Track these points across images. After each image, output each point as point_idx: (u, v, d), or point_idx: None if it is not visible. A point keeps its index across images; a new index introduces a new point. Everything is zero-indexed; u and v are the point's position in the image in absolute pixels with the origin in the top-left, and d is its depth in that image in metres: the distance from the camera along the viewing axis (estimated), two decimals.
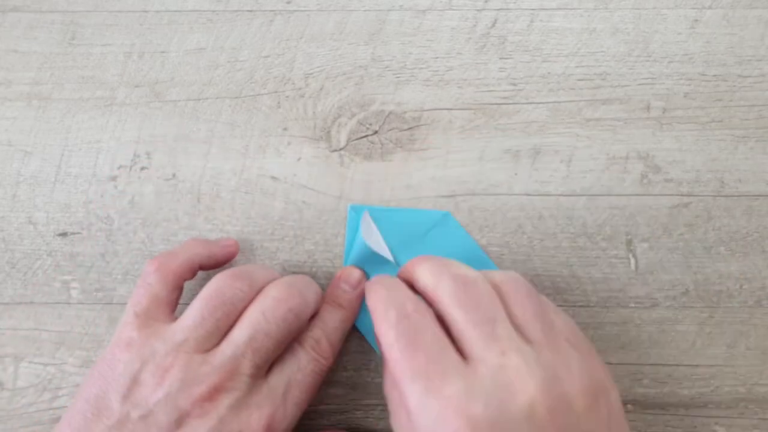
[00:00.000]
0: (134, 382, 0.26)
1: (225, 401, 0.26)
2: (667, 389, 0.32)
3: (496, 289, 0.26)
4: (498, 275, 0.27)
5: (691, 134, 0.33)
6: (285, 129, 0.34)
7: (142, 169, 0.34)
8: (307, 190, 0.33)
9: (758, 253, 0.33)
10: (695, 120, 0.34)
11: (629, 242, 0.33)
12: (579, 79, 0.34)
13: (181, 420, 0.26)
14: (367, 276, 0.32)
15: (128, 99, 0.34)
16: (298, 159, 0.34)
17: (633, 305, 0.33)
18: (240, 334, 0.27)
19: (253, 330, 0.27)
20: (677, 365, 0.32)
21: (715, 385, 0.32)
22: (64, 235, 0.33)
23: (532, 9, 0.34)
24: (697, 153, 0.33)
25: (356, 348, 0.33)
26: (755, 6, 0.34)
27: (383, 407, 0.32)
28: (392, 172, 0.33)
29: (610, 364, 0.32)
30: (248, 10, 0.35)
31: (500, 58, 0.34)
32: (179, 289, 0.30)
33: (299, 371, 0.28)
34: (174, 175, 0.34)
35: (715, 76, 0.34)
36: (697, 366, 0.32)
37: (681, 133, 0.33)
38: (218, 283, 0.28)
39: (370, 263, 0.32)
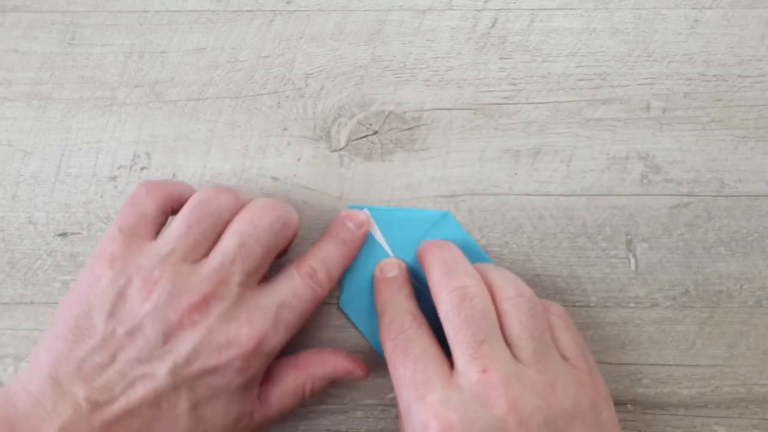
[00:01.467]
0: (119, 297, 0.26)
1: (214, 311, 0.26)
2: (667, 389, 0.32)
3: (498, 304, 0.27)
4: (503, 290, 0.27)
5: (691, 134, 0.33)
6: (285, 129, 0.34)
7: (142, 169, 0.34)
8: (307, 190, 0.33)
9: (758, 253, 0.33)
10: (695, 120, 0.34)
11: (629, 242, 0.33)
12: (579, 79, 0.34)
13: (169, 332, 0.25)
14: (369, 217, 0.32)
15: (128, 99, 0.34)
16: (298, 159, 0.34)
17: (633, 305, 0.33)
18: (229, 241, 0.27)
19: (241, 237, 0.27)
20: (677, 365, 0.32)
21: (715, 385, 0.32)
22: (64, 235, 0.33)
23: (532, 9, 0.34)
24: (697, 153, 0.33)
25: (356, 348, 0.33)
26: (755, 6, 0.34)
27: (383, 407, 0.32)
28: (392, 172, 0.33)
29: (610, 364, 0.32)
30: (248, 10, 0.35)
31: (500, 58, 0.34)
32: (165, 215, 0.29)
33: (294, 296, 0.28)
34: (174, 175, 0.34)
35: (715, 76, 0.34)
36: (697, 366, 0.32)
37: (681, 133, 0.33)
38: (203, 194, 0.28)
39: (371, 260, 0.32)
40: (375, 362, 0.32)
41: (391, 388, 0.32)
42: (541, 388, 0.25)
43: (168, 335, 0.25)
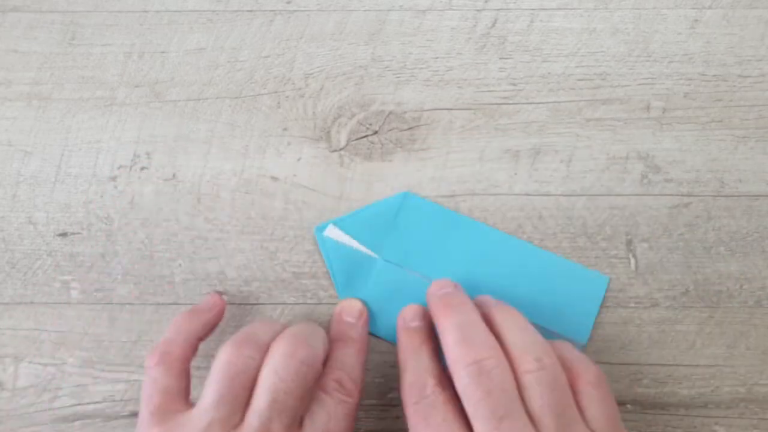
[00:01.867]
0: None
1: None
2: (667, 389, 0.32)
3: (518, 376, 0.26)
4: (523, 362, 0.26)
5: (691, 134, 0.33)
6: (285, 129, 0.34)
7: (142, 169, 0.34)
8: (307, 190, 0.33)
9: (758, 253, 0.33)
10: (695, 120, 0.34)
11: (629, 242, 0.33)
12: (579, 79, 0.34)
13: None
14: (363, 304, 0.32)
15: (128, 99, 0.34)
16: (298, 159, 0.34)
17: (633, 305, 0.33)
18: (261, 401, 0.27)
19: (272, 393, 0.27)
20: (677, 365, 0.32)
21: (715, 385, 0.32)
22: (64, 235, 0.33)
23: (532, 9, 0.34)
24: (697, 153, 0.33)
25: None
26: (755, 6, 0.34)
27: (383, 407, 0.32)
28: (392, 172, 0.33)
29: (610, 364, 0.32)
30: (248, 10, 0.35)
31: (500, 58, 0.34)
32: (187, 374, 0.29)
33: (331, 419, 0.28)
34: (174, 175, 0.34)
35: (715, 76, 0.34)
36: (697, 366, 0.32)
37: (681, 133, 0.33)
38: (226, 355, 0.28)
39: (358, 270, 0.32)
40: (375, 363, 0.32)
41: (391, 388, 0.32)
42: None
43: None
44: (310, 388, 0.28)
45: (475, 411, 0.25)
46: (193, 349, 0.29)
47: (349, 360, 0.30)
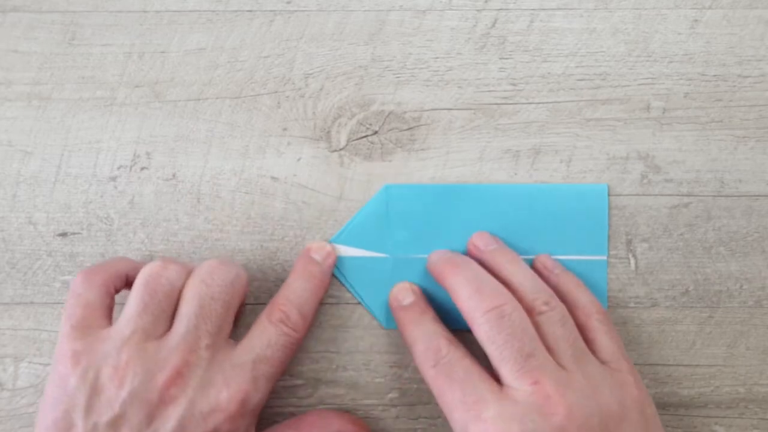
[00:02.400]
0: (93, 391, 0.25)
1: (190, 381, 0.26)
2: (667, 389, 0.32)
3: (533, 318, 0.27)
4: (534, 304, 0.28)
5: (691, 134, 0.33)
6: (285, 129, 0.34)
7: (142, 169, 0.34)
8: (307, 190, 0.33)
9: (758, 253, 0.33)
10: (695, 120, 0.34)
11: (629, 242, 0.33)
12: (579, 79, 0.34)
13: (151, 413, 0.25)
14: (333, 247, 0.32)
15: (128, 99, 0.34)
16: (298, 159, 0.34)
17: (633, 305, 0.33)
18: (186, 307, 0.27)
19: (198, 299, 0.27)
20: (677, 365, 0.32)
21: (715, 385, 0.32)
22: (64, 235, 0.33)
23: (532, 9, 0.34)
24: (697, 153, 0.33)
25: (356, 348, 0.33)
26: (755, 6, 0.34)
27: (383, 407, 0.32)
28: (392, 172, 0.33)
29: None
30: (248, 10, 0.35)
31: (500, 58, 0.34)
32: (111, 297, 0.29)
33: (268, 347, 0.28)
34: (174, 175, 0.34)
35: (715, 76, 0.34)
36: (697, 366, 0.32)
37: (681, 133, 0.33)
38: (150, 268, 0.28)
39: (374, 275, 0.32)
40: (375, 362, 0.32)
41: (392, 388, 0.32)
42: (591, 391, 0.26)
43: (151, 416, 0.25)
44: (237, 300, 0.28)
45: (501, 353, 0.26)
46: (120, 278, 0.29)
47: (304, 294, 0.30)
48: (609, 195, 0.33)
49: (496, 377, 0.27)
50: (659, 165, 0.33)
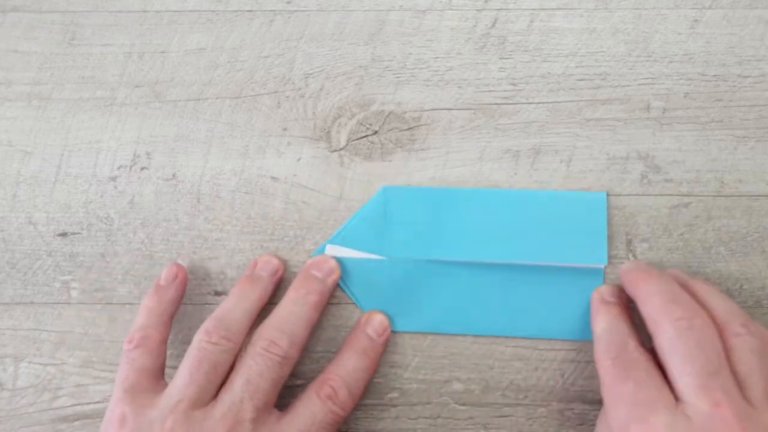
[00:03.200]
0: None
1: None
2: None
3: (725, 339, 0.25)
4: (731, 325, 0.26)
5: (691, 134, 0.33)
6: (285, 129, 0.34)
7: (142, 169, 0.34)
8: (307, 190, 0.33)
9: (758, 253, 0.33)
10: (695, 120, 0.33)
11: (629, 242, 0.33)
12: (579, 79, 0.34)
13: None
14: (389, 321, 0.32)
15: (128, 99, 0.34)
16: (298, 159, 0.34)
17: (633, 305, 0.33)
18: (234, 380, 0.27)
19: (245, 374, 0.27)
20: None
21: None
22: (64, 235, 0.33)
23: (532, 9, 0.34)
24: (697, 153, 0.33)
25: None
26: (755, 6, 0.34)
27: (383, 407, 0.32)
28: (392, 172, 0.33)
29: None
30: (248, 10, 0.35)
31: (500, 58, 0.34)
32: (164, 353, 0.29)
33: (314, 424, 0.28)
34: (174, 175, 0.34)
35: (715, 76, 0.34)
36: None
37: (681, 133, 0.33)
38: (196, 342, 0.28)
39: (371, 277, 0.32)
40: (381, 364, 0.32)
41: (392, 388, 0.32)
42: None
43: None
44: (285, 375, 0.28)
45: (683, 364, 0.24)
46: (168, 328, 0.30)
47: (355, 373, 0.29)
48: (609, 195, 0.33)
49: (674, 392, 0.25)
50: (659, 165, 0.33)
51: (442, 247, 0.32)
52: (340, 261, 0.32)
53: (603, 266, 0.32)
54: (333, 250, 0.32)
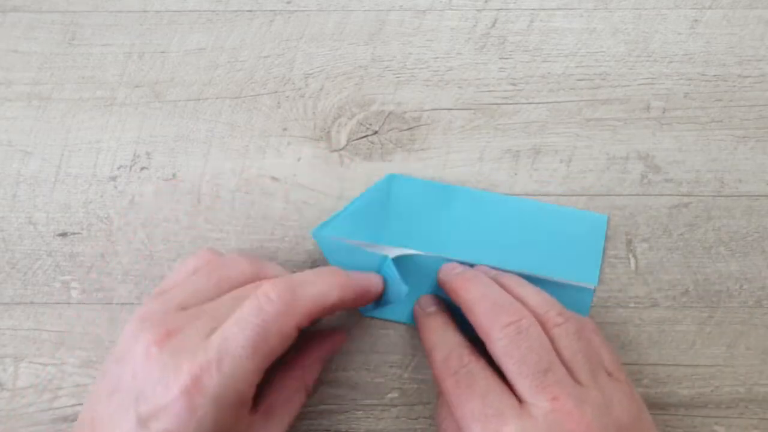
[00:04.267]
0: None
1: (168, 346, 0.25)
2: (667, 389, 0.32)
3: (547, 331, 0.27)
4: (549, 317, 0.28)
5: (691, 134, 0.33)
6: (285, 129, 0.34)
7: (142, 169, 0.34)
8: (307, 190, 0.33)
9: (758, 253, 0.33)
10: (695, 120, 0.33)
11: (629, 242, 0.33)
12: (579, 79, 0.34)
13: (137, 367, 0.25)
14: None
15: (128, 99, 0.34)
16: (298, 159, 0.34)
17: (633, 305, 0.33)
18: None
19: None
20: (677, 365, 0.32)
21: (715, 385, 0.32)
22: (64, 235, 0.33)
23: (532, 9, 0.34)
24: (697, 153, 0.33)
25: (356, 348, 0.33)
26: (755, 6, 0.34)
27: (383, 407, 0.32)
28: (392, 172, 0.33)
29: None
30: (248, 10, 0.35)
31: (500, 58, 0.34)
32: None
33: (236, 323, 0.25)
34: (174, 175, 0.34)
35: (715, 76, 0.34)
36: (697, 366, 0.32)
37: (681, 133, 0.33)
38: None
39: (365, 266, 0.31)
40: (375, 363, 0.32)
41: (392, 388, 0.32)
42: (605, 407, 0.26)
43: (136, 373, 0.25)
44: (226, 286, 0.28)
45: (519, 369, 0.26)
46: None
47: (310, 282, 0.27)
48: (609, 195, 0.33)
49: (514, 392, 0.26)
50: (659, 165, 0.33)
51: (439, 243, 0.32)
52: (336, 244, 0.31)
53: (593, 287, 0.32)
54: (330, 231, 0.31)
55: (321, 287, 0.27)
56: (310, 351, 0.30)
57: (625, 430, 0.26)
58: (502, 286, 0.30)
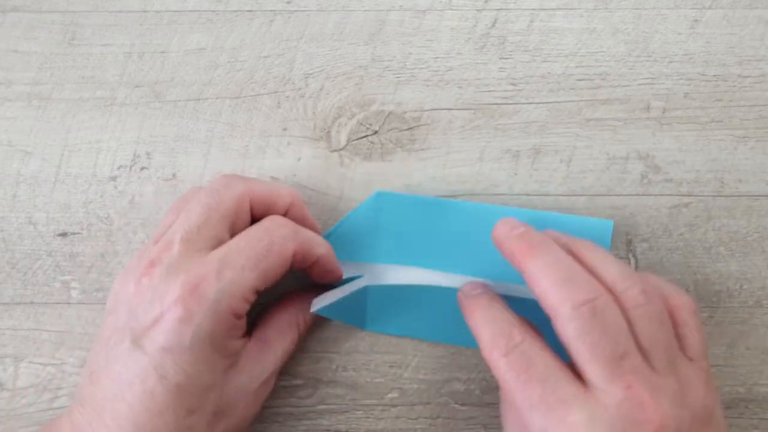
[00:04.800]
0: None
1: (158, 272, 0.26)
2: None
3: (626, 311, 0.25)
4: (629, 296, 0.25)
5: (691, 134, 0.33)
6: (285, 129, 0.34)
7: (142, 169, 0.34)
8: (307, 190, 0.33)
9: (758, 253, 0.33)
10: (695, 120, 0.34)
11: (629, 242, 0.33)
12: (579, 79, 0.34)
13: (130, 302, 0.26)
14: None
15: (128, 99, 0.34)
16: (298, 159, 0.34)
17: None
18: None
19: (188, 204, 0.27)
20: None
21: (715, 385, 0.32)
22: (64, 235, 0.33)
23: (532, 9, 0.34)
24: (697, 153, 0.33)
25: (356, 348, 0.33)
26: (755, 6, 0.34)
27: (383, 407, 0.32)
28: (392, 172, 0.33)
29: None
30: (248, 10, 0.35)
31: (500, 58, 0.34)
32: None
33: (243, 239, 0.26)
34: (174, 175, 0.34)
35: (715, 76, 0.34)
36: None
37: (681, 133, 0.33)
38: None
39: (355, 306, 0.31)
40: (375, 363, 0.32)
41: (392, 388, 0.32)
42: (681, 396, 0.24)
43: (129, 305, 0.26)
44: (234, 219, 0.27)
45: (593, 353, 0.23)
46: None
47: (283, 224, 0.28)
48: (609, 195, 0.33)
49: (577, 374, 0.24)
50: (659, 165, 0.33)
51: (432, 259, 0.32)
52: (327, 311, 0.30)
53: None
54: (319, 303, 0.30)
55: (314, 236, 0.29)
56: (305, 294, 0.31)
57: (701, 421, 0.24)
58: (574, 254, 0.26)
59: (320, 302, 0.30)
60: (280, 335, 0.29)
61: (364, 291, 0.31)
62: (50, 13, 0.35)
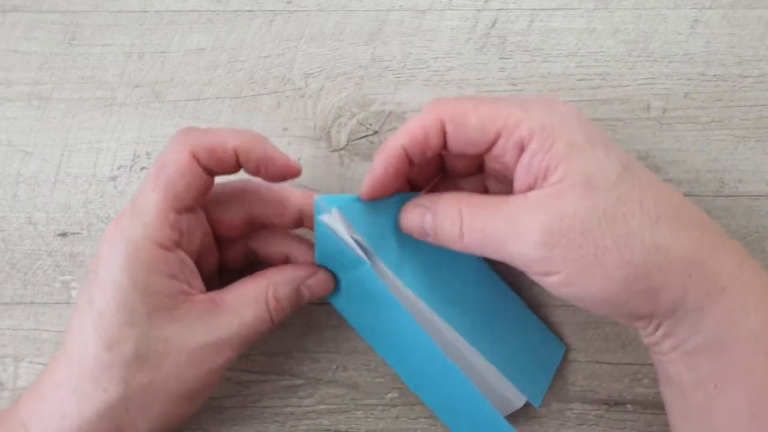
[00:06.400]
0: None
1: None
2: None
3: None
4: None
5: (691, 134, 0.33)
6: (285, 129, 0.34)
7: (142, 169, 0.34)
8: (307, 190, 0.33)
9: (758, 253, 0.33)
10: (695, 120, 0.34)
11: None
12: (579, 79, 0.34)
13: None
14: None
15: (128, 99, 0.34)
16: (298, 159, 0.34)
17: None
18: None
19: None
20: None
21: None
22: (64, 235, 0.33)
23: (532, 9, 0.34)
24: (697, 153, 0.33)
25: (356, 348, 0.33)
26: (755, 6, 0.34)
27: (383, 407, 0.32)
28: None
29: (610, 364, 0.32)
30: (248, 10, 0.35)
31: (500, 58, 0.34)
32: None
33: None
34: None
35: (715, 76, 0.34)
36: None
37: (681, 133, 0.33)
38: None
39: (342, 263, 0.29)
40: (375, 362, 0.32)
41: (392, 388, 0.32)
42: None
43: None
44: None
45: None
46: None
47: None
48: None
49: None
50: (659, 165, 0.33)
51: (421, 284, 0.29)
52: (329, 236, 0.28)
53: (523, 403, 0.31)
54: (333, 219, 0.28)
55: (224, 133, 0.28)
56: (283, 268, 0.29)
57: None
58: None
59: (331, 214, 0.28)
60: (239, 304, 0.27)
61: (359, 268, 0.28)
62: (50, 13, 0.35)
